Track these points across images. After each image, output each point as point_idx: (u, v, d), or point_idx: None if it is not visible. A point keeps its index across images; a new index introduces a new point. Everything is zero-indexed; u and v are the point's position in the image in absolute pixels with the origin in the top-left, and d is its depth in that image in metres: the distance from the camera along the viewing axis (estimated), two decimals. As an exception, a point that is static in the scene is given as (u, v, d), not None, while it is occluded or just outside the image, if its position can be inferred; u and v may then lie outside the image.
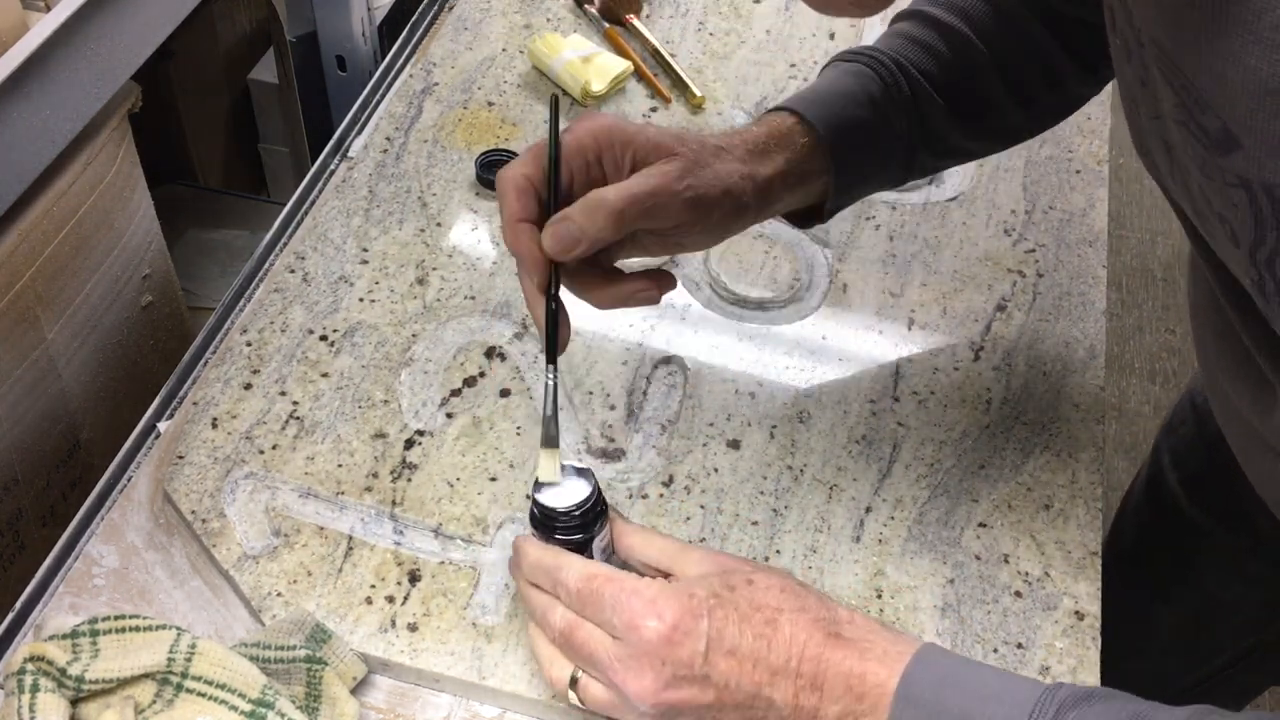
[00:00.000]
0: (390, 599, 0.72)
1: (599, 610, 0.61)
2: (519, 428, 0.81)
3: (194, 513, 0.76)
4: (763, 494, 0.78)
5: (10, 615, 0.73)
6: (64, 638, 0.66)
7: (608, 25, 1.13)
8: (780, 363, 0.86)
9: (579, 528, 0.66)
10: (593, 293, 0.67)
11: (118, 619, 0.67)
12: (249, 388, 0.83)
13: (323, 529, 0.75)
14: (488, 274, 0.91)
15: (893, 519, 0.77)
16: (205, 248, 1.41)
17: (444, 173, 0.99)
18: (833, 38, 1.13)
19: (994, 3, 0.76)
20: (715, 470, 0.79)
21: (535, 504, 0.66)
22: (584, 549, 0.66)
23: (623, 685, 0.60)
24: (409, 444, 0.80)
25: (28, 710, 0.62)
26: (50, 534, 0.85)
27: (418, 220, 0.95)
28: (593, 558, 0.66)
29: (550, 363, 0.65)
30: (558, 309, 0.65)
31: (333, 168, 1.01)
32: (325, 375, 0.84)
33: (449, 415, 0.82)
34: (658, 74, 1.09)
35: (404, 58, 1.11)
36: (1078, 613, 0.73)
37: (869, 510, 0.77)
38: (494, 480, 0.78)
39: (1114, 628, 0.74)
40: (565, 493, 0.66)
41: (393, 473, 0.78)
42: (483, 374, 0.84)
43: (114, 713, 0.63)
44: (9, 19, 0.81)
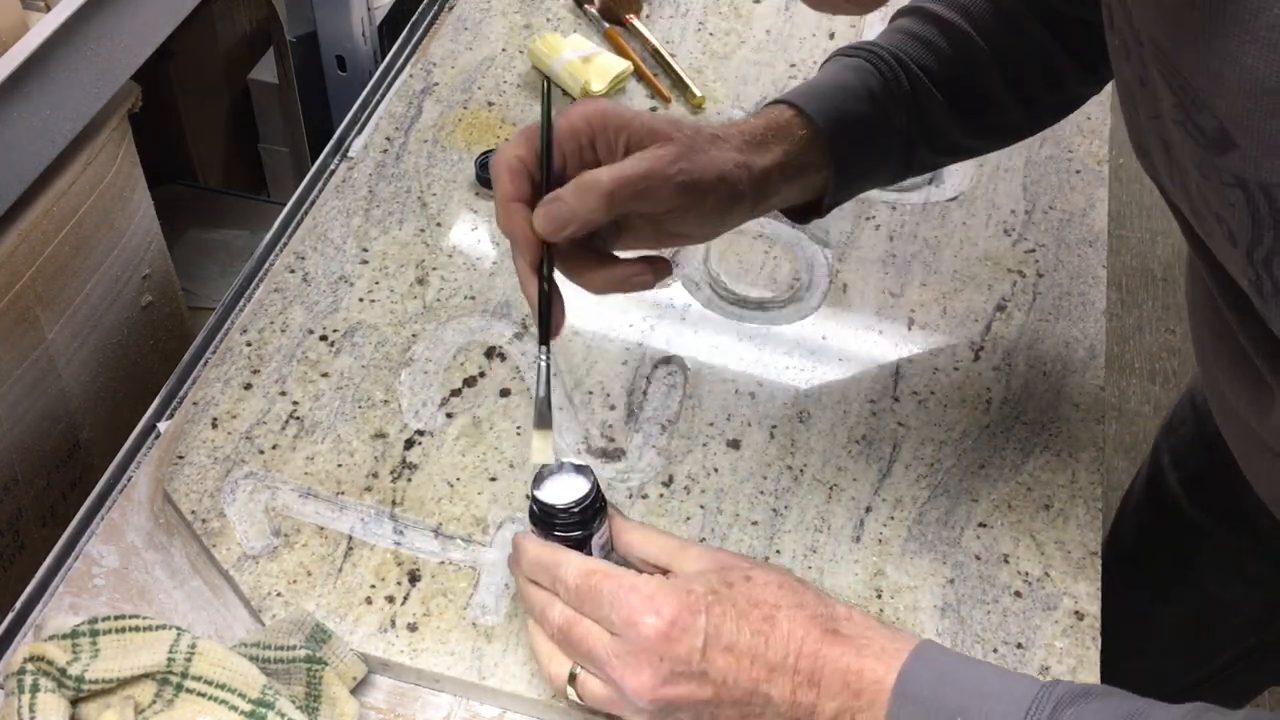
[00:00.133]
0: (390, 599, 0.72)
1: (597, 606, 0.61)
2: (519, 428, 0.81)
3: (194, 513, 0.76)
4: (763, 494, 0.78)
5: (10, 615, 0.73)
6: (64, 638, 0.66)
7: (608, 25, 1.13)
8: (780, 363, 0.86)
9: (578, 525, 0.66)
10: (586, 276, 0.66)
11: (118, 619, 0.67)
12: (249, 388, 0.83)
13: (323, 529, 0.75)
14: (488, 274, 0.91)
15: (893, 519, 0.77)
16: (205, 248, 1.41)
17: (444, 173, 0.99)
18: (832, 37, 1.13)
19: (994, 0, 0.76)
20: (715, 470, 0.79)
21: (534, 501, 0.66)
22: (583, 546, 0.66)
23: (621, 681, 0.60)
24: (409, 444, 0.80)
25: (28, 710, 0.62)
26: (50, 534, 0.85)
27: (418, 220, 0.95)
28: (591, 554, 0.66)
29: (542, 344, 0.65)
30: (550, 290, 0.64)
31: (333, 168, 1.01)
32: (325, 375, 0.84)
33: (449, 415, 0.82)
34: (658, 74, 1.09)
35: (404, 58, 1.11)
36: (1078, 613, 0.73)
37: (869, 510, 0.77)
38: (494, 480, 0.78)
39: (1114, 628, 0.74)
40: (564, 490, 0.66)
41: (393, 473, 0.78)
42: (483, 374, 0.84)
43: (114, 713, 0.64)
44: (9, 19, 0.81)
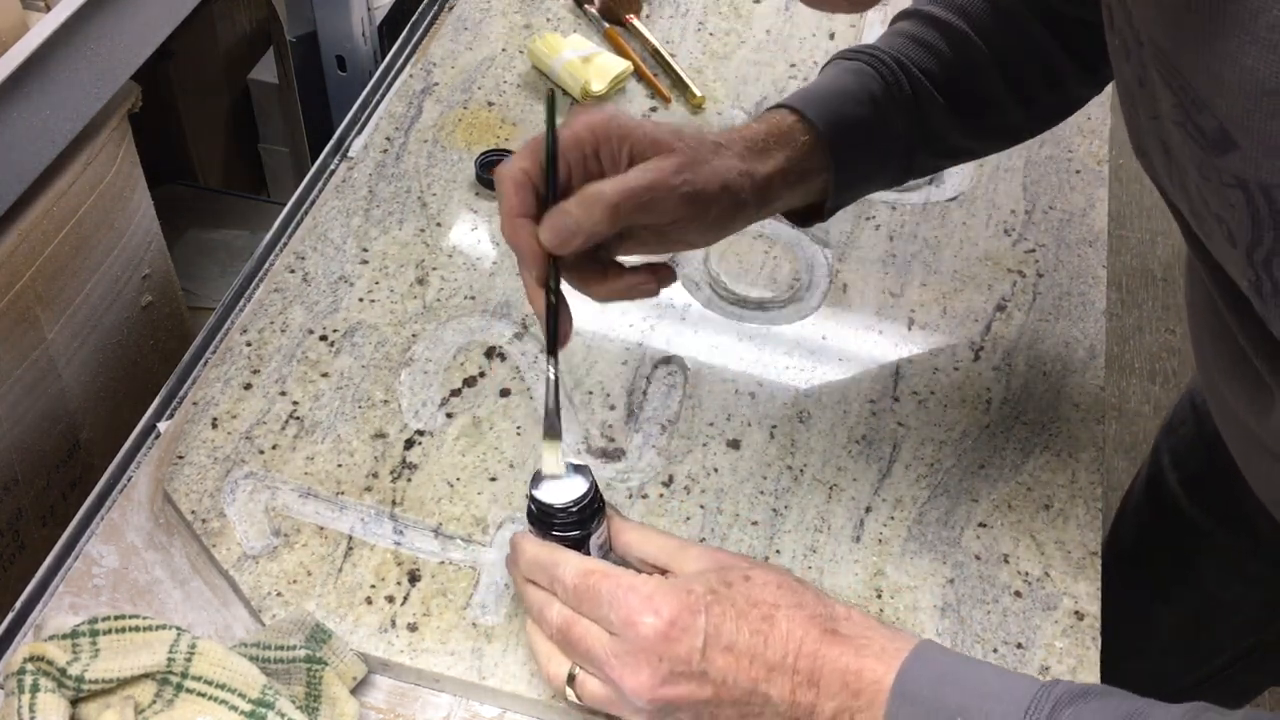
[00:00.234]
0: (390, 599, 0.72)
1: (596, 606, 0.61)
2: (519, 428, 0.81)
3: (194, 513, 0.76)
4: (763, 494, 0.78)
5: (10, 615, 0.73)
6: (64, 638, 0.66)
7: (608, 25, 1.13)
8: (780, 363, 0.86)
9: (576, 524, 0.66)
10: (592, 286, 0.67)
11: (118, 619, 0.67)
12: (249, 388, 0.83)
13: (323, 529, 0.75)
14: (488, 274, 0.91)
15: (893, 519, 0.77)
16: (205, 248, 1.41)
17: (444, 173, 0.99)
18: (833, 38, 1.13)
19: (993, 1, 0.76)
20: (715, 470, 0.79)
21: (532, 500, 0.66)
22: (581, 545, 0.66)
23: (620, 681, 0.60)
24: (409, 444, 0.80)
25: (28, 710, 0.62)
26: (50, 534, 0.85)
27: (418, 220, 0.95)
28: (590, 554, 0.66)
29: (551, 355, 0.65)
30: (558, 302, 0.65)
31: (333, 168, 1.01)
32: (325, 375, 0.84)
33: (449, 415, 0.82)
34: (658, 74, 1.09)
35: (404, 58, 1.11)
36: (1077, 613, 0.73)
37: (869, 510, 0.77)
38: (494, 480, 0.78)
39: (1114, 628, 0.74)
40: (562, 489, 0.66)
41: (393, 473, 0.78)
42: (483, 374, 0.84)
43: (114, 713, 0.64)
44: (9, 19, 0.81)
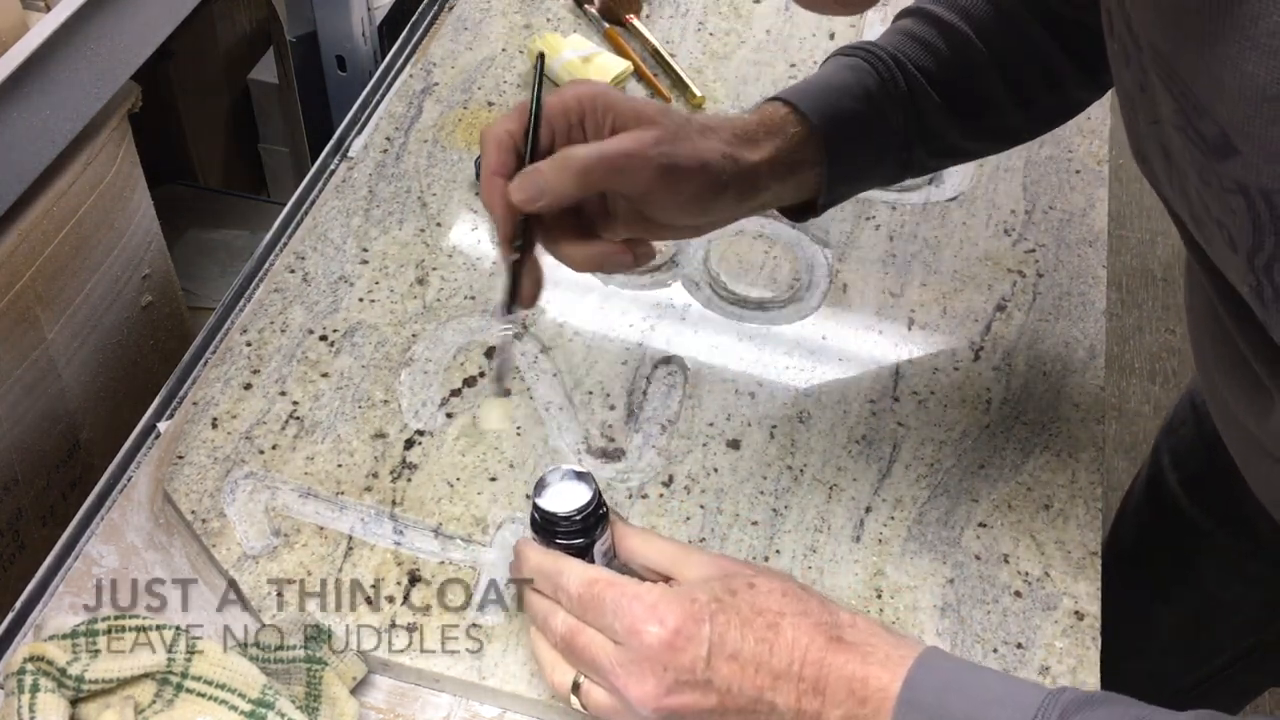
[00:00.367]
0: (390, 599, 0.72)
1: (600, 615, 0.61)
2: (519, 428, 0.81)
3: (194, 513, 0.76)
4: (763, 494, 0.78)
5: (10, 615, 0.73)
6: (64, 638, 0.66)
7: (608, 25, 1.13)
8: (780, 363, 0.86)
9: (579, 532, 0.66)
10: (565, 250, 0.66)
11: (118, 619, 0.67)
12: (249, 388, 0.83)
13: (323, 529, 0.75)
14: (488, 274, 0.91)
15: (893, 519, 0.77)
16: (205, 248, 1.41)
17: (444, 173, 0.99)
18: (833, 38, 1.13)
19: (995, 2, 0.76)
20: (715, 470, 0.79)
21: (536, 509, 0.66)
22: (585, 553, 0.66)
23: (625, 691, 0.59)
24: (409, 444, 0.80)
25: (28, 710, 0.62)
26: (50, 534, 0.85)
27: (418, 220, 0.95)
28: (594, 561, 0.66)
29: (506, 313, 0.66)
30: (523, 261, 0.65)
31: (333, 168, 1.01)
32: (325, 375, 0.84)
33: (449, 415, 0.82)
34: (658, 74, 1.09)
35: (404, 58, 1.11)
36: (1077, 613, 0.73)
37: (869, 510, 0.77)
38: (494, 480, 0.78)
39: (1114, 628, 0.74)
40: (566, 497, 0.66)
41: (393, 473, 0.78)
42: (483, 374, 0.84)
43: (114, 713, 0.64)
44: (9, 19, 0.81)
